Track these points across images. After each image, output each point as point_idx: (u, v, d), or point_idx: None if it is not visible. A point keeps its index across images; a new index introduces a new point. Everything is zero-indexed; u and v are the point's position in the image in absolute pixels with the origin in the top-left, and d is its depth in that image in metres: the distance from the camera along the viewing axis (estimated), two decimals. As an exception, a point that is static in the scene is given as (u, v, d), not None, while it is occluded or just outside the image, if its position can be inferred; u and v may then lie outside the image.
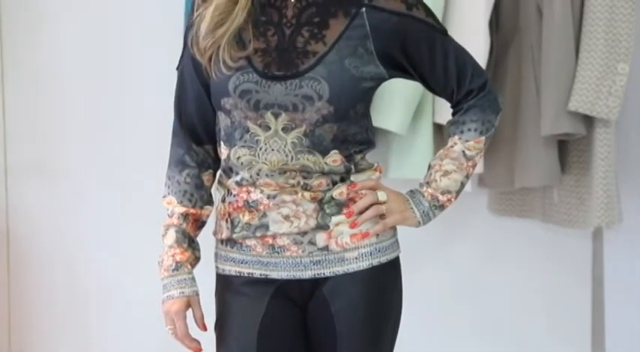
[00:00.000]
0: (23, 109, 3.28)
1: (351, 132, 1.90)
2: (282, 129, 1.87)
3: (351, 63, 1.87)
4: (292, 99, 1.85)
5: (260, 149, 1.88)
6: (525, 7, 2.98)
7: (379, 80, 1.92)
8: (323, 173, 1.89)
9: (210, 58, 1.90)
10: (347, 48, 1.87)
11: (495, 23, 3.01)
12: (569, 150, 3.08)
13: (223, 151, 1.93)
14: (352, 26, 1.88)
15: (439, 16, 2.88)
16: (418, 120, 2.98)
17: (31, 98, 3.28)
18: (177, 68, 1.99)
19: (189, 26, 1.95)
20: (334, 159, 1.89)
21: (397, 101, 2.88)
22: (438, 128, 3.03)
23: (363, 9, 1.89)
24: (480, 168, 2.99)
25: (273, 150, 1.87)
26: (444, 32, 1.95)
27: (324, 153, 1.88)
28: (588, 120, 2.98)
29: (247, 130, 1.88)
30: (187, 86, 1.97)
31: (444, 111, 2.97)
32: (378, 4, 1.90)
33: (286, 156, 1.87)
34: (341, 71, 1.86)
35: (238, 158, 1.90)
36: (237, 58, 1.87)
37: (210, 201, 2.01)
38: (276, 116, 1.86)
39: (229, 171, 1.94)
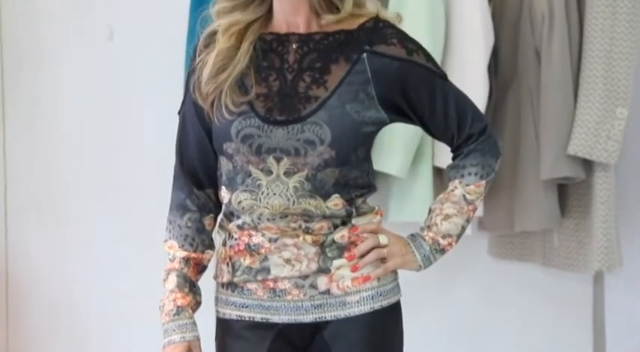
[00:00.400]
0: (23, 152, 3.30)
1: (353, 177, 1.91)
2: (284, 173, 1.87)
3: (352, 107, 1.88)
4: (294, 144, 1.86)
5: (262, 193, 1.88)
6: (524, 52, 3.00)
7: (380, 124, 1.93)
8: (324, 217, 1.90)
9: (212, 103, 1.91)
10: (348, 93, 1.88)
11: (494, 67, 3.03)
12: (569, 194, 3.08)
13: (225, 195, 1.93)
14: (353, 71, 1.90)
15: (438, 60, 2.90)
16: (418, 164, 2.99)
17: (31, 140, 3.30)
18: (179, 112, 2.00)
19: (190, 71, 1.96)
20: (335, 203, 1.90)
21: (397, 144, 2.90)
22: (437, 171, 3.04)
23: (365, 54, 1.90)
24: (480, 212, 3.00)
25: (274, 194, 1.87)
26: (443, 77, 1.96)
27: (326, 197, 1.89)
28: (588, 164, 2.99)
29: (249, 175, 1.89)
30: (189, 130, 1.98)
31: (443, 154, 2.98)
32: (379, 49, 1.91)
33: (288, 200, 1.87)
34: (342, 116, 1.87)
35: (240, 202, 1.90)
36: (239, 103, 1.89)
37: (211, 246, 2.00)
38: (278, 160, 1.87)
39: (231, 215, 1.94)
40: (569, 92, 2.95)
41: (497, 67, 3.04)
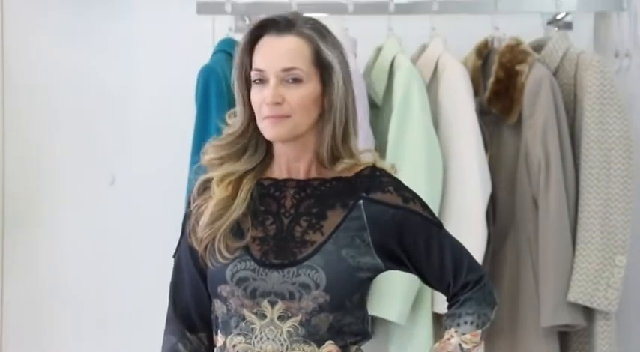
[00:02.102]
0: (20, 307, 3.30)
1: (347, 322, 1.90)
2: (278, 317, 1.86)
3: (348, 253, 1.89)
4: (289, 288, 1.86)
5: (255, 337, 1.87)
6: (521, 200, 3.03)
7: (376, 271, 1.93)
8: None
9: (206, 248, 1.91)
10: (344, 238, 1.89)
11: (492, 215, 3.05)
12: (571, 342, 3.05)
13: (219, 339, 1.92)
14: (350, 218, 1.91)
15: (436, 207, 2.94)
16: (418, 310, 2.98)
17: (29, 293, 3.30)
18: (174, 256, 2.01)
19: (186, 216, 1.98)
20: (329, 349, 1.88)
21: (397, 290, 2.89)
22: (437, 318, 3.02)
23: (361, 201, 1.92)
24: (480, 359, 2.97)
25: (268, 338, 1.86)
26: (439, 226, 1.97)
27: (320, 342, 1.87)
28: (588, 312, 2.98)
29: (243, 318, 1.88)
30: (183, 273, 1.98)
31: (442, 301, 2.96)
32: (375, 196, 1.92)
33: (281, 345, 1.86)
34: (338, 261, 1.87)
35: (234, 346, 1.88)
36: (234, 248, 1.89)
37: None
38: (273, 304, 1.86)
39: None
40: (567, 239, 2.97)
41: (495, 215, 3.07)
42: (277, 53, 1.88)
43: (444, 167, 2.99)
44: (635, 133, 3.03)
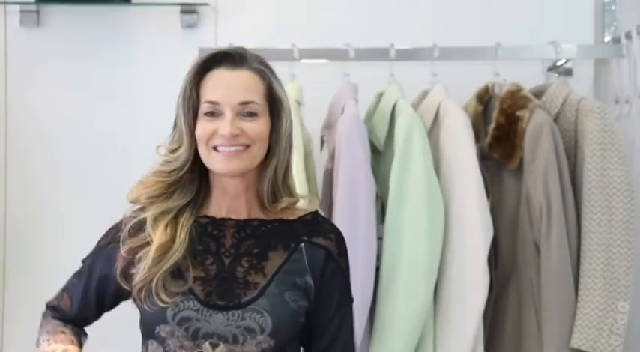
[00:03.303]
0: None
1: None
2: None
3: (290, 296, 1.86)
4: (233, 330, 1.81)
5: None
6: (523, 245, 3.02)
7: (304, 318, 1.90)
8: None
9: (140, 290, 1.86)
10: (286, 281, 1.86)
11: (494, 259, 3.04)
12: (574, 388, 3.03)
13: None
14: (291, 260, 1.88)
15: (438, 251, 2.93)
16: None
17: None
18: (83, 261, 2.00)
19: (111, 241, 1.95)
20: None
21: (398, 334, 2.86)
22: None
23: (302, 244, 1.90)
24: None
25: None
26: (352, 300, 1.96)
27: None
28: (592, 357, 2.96)
29: None
30: (83, 282, 1.97)
31: (446, 345, 2.95)
32: (317, 241, 1.91)
33: None
34: (282, 304, 1.84)
35: None
36: (174, 293, 1.83)
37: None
38: (214, 346, 1.81)
39: None
40: (569, 285, 2.95)
41: (497, 259, 3.06)
42: (234, 86, 1.86)
43: (446, 212, 2.99)
44: (636, 179, 3.03)
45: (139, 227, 1.90)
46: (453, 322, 2.95)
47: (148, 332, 1.87)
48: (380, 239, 2.99)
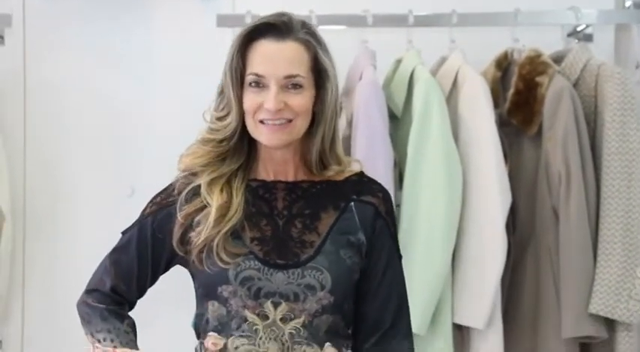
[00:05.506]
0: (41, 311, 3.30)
1: (342, 326, 1.90)
2: (281, 319, 1.85)
3: (345, 253, 1.89)
4: (294, 288, 1.85)
5: (260, 339, 1.85)
6: (541, 211, 3.02)
7: (359, 274, 1.92)
8: None
9: (200, 252, 1.88)
10: (340, 239, 1.89)
11: (512, 226, 3.04)
12: (592, 353, 3.04)
13: (216, 342, 1.88)
14: (342, 218, 1.91)
15: (456, 218, 2.94)
16: (437, 321, 2.96)
17: (49, 315, 3.31)
18: (125, 232, 2.00)
19: (161, 207, 1.96)
20: (329, 351, 1.87)
21: (416, 299, 2.86)
22: (457, 328, 3.00)
23: (352, 203, 1.93)
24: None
25: (271, 339, 1.85)
26: (400, 257, 1.98)
27: (321, 345, 1.87)
28: (610, 323, 2.95)
29: (245, 320, 1.86)
30: (131, 255, 1.96)
31: (464, 311, 2.96)
32: (365, 198, 1.94)
33: (283, 345, 1.85)
34: (338, 261, 1.87)
35: (237, 348, 1.86)
36: (234, 253, 1.87)
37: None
38: (276, 305, 1.85)
39: None
40: (588, 251, 2.95)
41: (516, 225, 3.05)
42: (279, 60, 1.86)
43: (464, 177, 2.99)
44: (656, 144, 3.01)
45: (194, 192, 1.92)
46: (471, 288, 2.96)
47: (209, 293, 1.89)
48: (398, 206, 2.99)
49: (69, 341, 3.34)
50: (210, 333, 1.89)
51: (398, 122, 3.12)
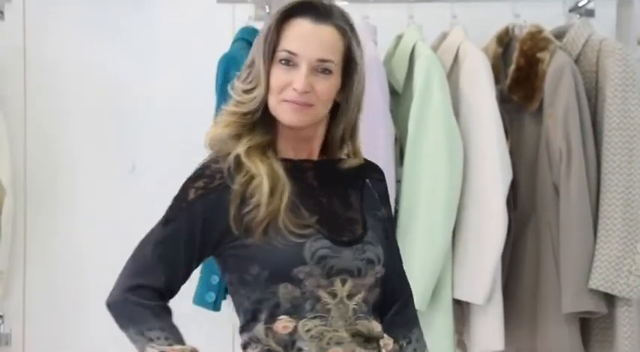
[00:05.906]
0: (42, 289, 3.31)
1: (378, 300, 1.90)
2: (347, 296, 1.83)
3: (380, 228, 1.92)
4: (358, 264, 1.84)
5: (332, 318, 1.82)
6: (542, 187, 3.02)
7: None
8: (370, 338, 1.86)
9: (266, 227, 1.82)
10: (371, 215, 1.92)
11: (513, 202, 3.04)
12: (592, 328, 3.04)
13: (286, 325, 1.82)
14: (365, 195, 1.94)
15: (457, 193, 2.95)
16: (438, 296, 2.96)
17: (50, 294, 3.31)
18: (165, 224, 1.89)
19: (210, 190, 1.85)
20: (376, 324, 1.88)
21: (417, 274, 2.87)
22: (458, 303, 3.01)
23: (367, 180, 1.96)
24: (500, 346, 2.96)
25: (339, 317, 1.82)
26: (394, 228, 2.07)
27: (374, 319, 1.87)
28: (610, 298, 2.96)
29: (318, 299, 1.81)
30: (180, 245, 1.86)
31: (464, 286, 2.97)
32: (377, 176, 1.98)
33: (346, 322, 1.83)
34: (379, 236, 1.90)
35: (308, 330, 1.81)
36: (302, 225, 1.82)
37: None
38: (343, 282, 1.83)
39: (290, 347, 1.82)
40: (588, 227, 2.95)
41: (516, 201, 3.06)
42: (315, 41, 1.83)
43: (465, 154, 2.99)
44: (657, 120, 3.01)
45: (237, 164, 1.85)
46: (472, 264, 2.96)
47: (281, 275, 1.81)
48: (398, 182, 2.99)
49: (70, 316, 3.37)
50: (281, 317, 1.82)
51: (399, 98, 3.11)
